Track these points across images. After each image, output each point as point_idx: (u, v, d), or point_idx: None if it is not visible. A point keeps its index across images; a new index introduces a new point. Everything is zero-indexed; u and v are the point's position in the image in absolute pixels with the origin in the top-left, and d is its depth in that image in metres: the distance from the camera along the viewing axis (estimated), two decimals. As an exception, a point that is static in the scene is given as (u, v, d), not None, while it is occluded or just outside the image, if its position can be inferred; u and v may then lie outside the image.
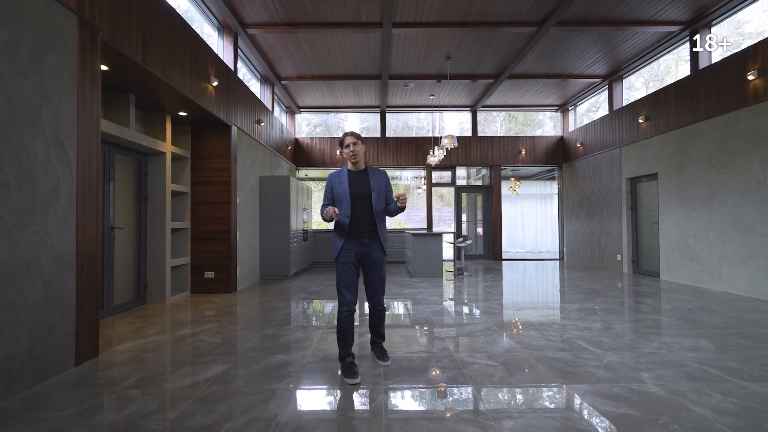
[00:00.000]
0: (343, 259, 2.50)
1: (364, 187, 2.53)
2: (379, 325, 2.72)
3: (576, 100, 9.67)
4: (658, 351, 2.86)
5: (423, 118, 11.45)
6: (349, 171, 2.60)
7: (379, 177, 2.60)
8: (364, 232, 2.52)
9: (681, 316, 3.97)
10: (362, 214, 2.51)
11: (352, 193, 2.51)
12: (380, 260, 2.55)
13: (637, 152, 7.28)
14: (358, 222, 2.51)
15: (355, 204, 2.51)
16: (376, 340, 2.76)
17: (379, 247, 2.54)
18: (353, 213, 2.51)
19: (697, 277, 5.89)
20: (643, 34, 6.30)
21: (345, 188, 2.52)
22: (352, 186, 2.53)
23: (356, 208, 2.51)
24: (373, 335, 2.76)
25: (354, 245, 2.51)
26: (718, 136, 5.52)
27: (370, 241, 2.53)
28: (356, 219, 2.51)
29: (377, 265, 2.55)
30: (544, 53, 6.96)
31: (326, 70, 7.56)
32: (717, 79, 5.51)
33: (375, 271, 2.55)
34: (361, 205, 2.51)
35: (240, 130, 5.87)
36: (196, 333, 3.41)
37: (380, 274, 2.56)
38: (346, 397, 2.15)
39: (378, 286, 2.57)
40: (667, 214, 6.52)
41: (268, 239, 6.74)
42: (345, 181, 2.54)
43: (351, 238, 2.52)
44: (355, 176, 2.58)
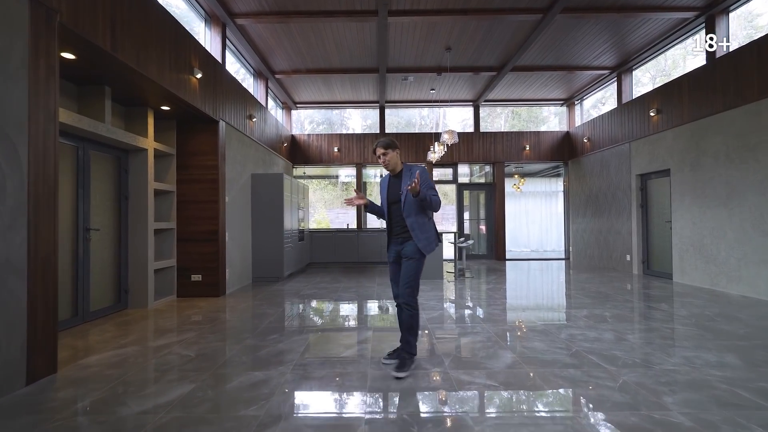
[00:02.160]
0: (388, 257, 2.77)
1: (395, 192, 2.64)
2: (405, 327, 2.59)
3: (582, 94, 9.30)
4: (679, 368, 2.55)
5: (426, 115, 11.12)
6: (390, 176, 2.73)
7: (412, 176, 2.53)
8: (400, 233, 2.64)
9: (700, 324, 3.65)
10: (396, 217, 2.65)
11: (388, 199, 2.68)
12: (409, 255, 2.57)
13: (647, 147, 6.92)
14: (394, 225, 2.68)
15: (390, 209, 2.68)
16: (401, 346, 2.63)
17: (412, 244, 2.57)
18: (389, 217, 2.69)
19: (714, 280, 5.55)
20: (656, 22, 5.94)
21: (384, 194, 2.71)
22: (389, 192, 2.68)
23: (391, 213, 2.68)
24: (401, 338, 2.66)
25: (394, 245, 2.71)
26: (737, 129, 5.16)
27: (404, 240, 2.62)
28: (392, 222, 2.69)
29: (405, 260, 2.59)
30: (549, 43, 6.61)
31: (321, 63, 7.26)
32: (736, 68, 5.15)
33: (403, 266, 2.61)
34: (395, 209, 2.65)
35: (229, 126, 5.59)
36: (171, 344, 3.15)
37: (406, 270, 2.57)
38: (317, 428, 1.86)
39: (403, 281, 2.59)
40: (681, 213, 6.16)
41: (261, 240, 6.47)
42: (385, 187, 2.72)
43: (391, 239, 2.72)
44: (393, 182, 2.69)
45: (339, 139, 9.58)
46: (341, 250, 8.95)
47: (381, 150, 2.62)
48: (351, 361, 2.73)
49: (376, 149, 2.64)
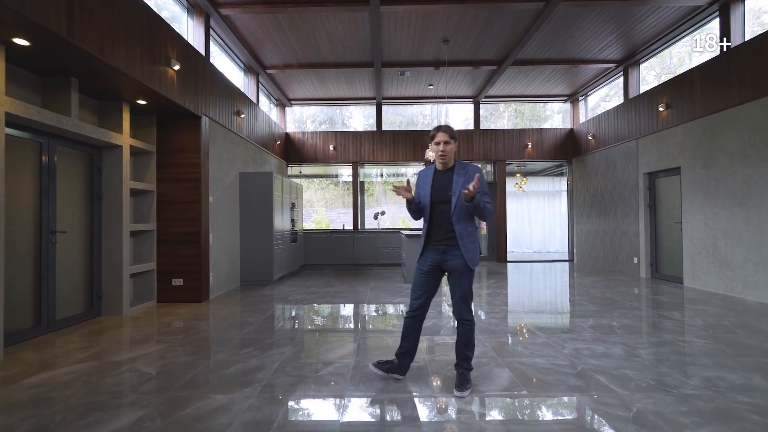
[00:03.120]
0: (418, 265, 2.38)
1: (445, 190, 2.26)
2: (463, 344, 2.30)
3: (587, 89, 8.96)
4: (700, 392, 2.23)
5: (428, 114, 10.79)
6: (435, 170, 2.35)
7: (467, 176, 2.23)
8: (443, 239, 2.28)
9: (717, 336, 3.32)
10: (441, 220, 2.27)
11: (432, 197, 2.29)
12: (459, 269, 2.25)
13: (656, 144, 6.57)
14: (437, 228, 2.29)
15: (434, 208, 2.29)
16: (459, 362, 2.33)
17: (459, 256, 2.24)
18: (432, 218, 2.30)
19: (728, 285, 5.20)
20: (666, 11, 5.59)
21: (427, 190, 2.31)
22: (434, 188, 2.29)
23: (435, 213, 2.29)
24: (456, 355, 2.35)
25: (433, 252, 2.32)
26: (755, 124, 4.82)
27: (447, 248, 2.27)
28: (435, 225, 2.30)
29: (456, 274, 2.27)
30: (551, 35, 6.28)
31: (314, 57, 6.96)
32: (754, 58, 4.80)
33: (453, 280, 2.29)
34: (441, 210, 2.27)
35: (213, 122, 5.30)
36: (135, 358, 2.86)
37: (459, 285, 2.26)
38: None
39: (457, 298, 2.27)
40: (692, 213, 5.82)
41: (250, 241, 6.18)
42: (429, 182, 2.32)
43: (430, 244, 2.33)
44: (440, 177, 2.30)
45: (335, 137, 9.28)
46: (336, 251, 8.66)
47: (444, 137, 2.24)
48: (328, 381, 2.43)
49: (436, 134, 2.26)
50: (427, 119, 10.88)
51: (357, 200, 9.32)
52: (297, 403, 2.18)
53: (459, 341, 2.32)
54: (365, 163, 9.48)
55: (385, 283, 6.38)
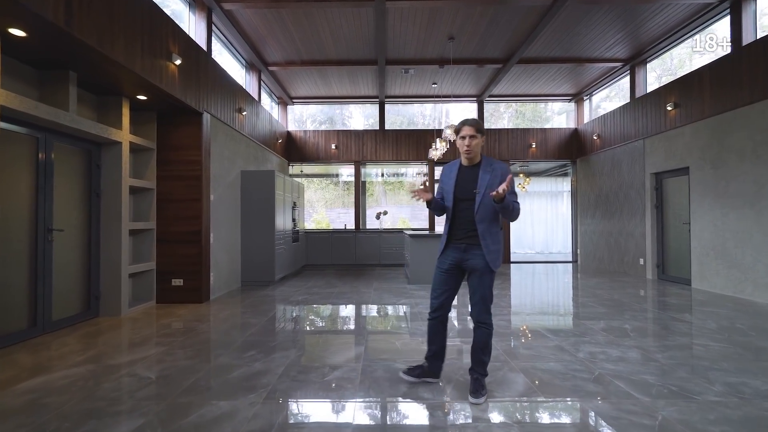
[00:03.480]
0: (438, 263, 2.31)
1: (470, 187, 2.18)
2: (479, 348, 2.20)
3: (591, 89, 8.86)
4: (725, 399, 2.14)
5: (428, 114, 10.68)
6: (460, 166, 2.28)
7: (494, 173, 2.15)
8: (464, 237, 2.21)
9: (733, 340, 3.23)
10: (464, 218, 2.21)
11: (456, 194, 2.22)
12: (480, 270, 2.16)
13: (663, 144, 6.48)
14: (459, 226, 2.23)
15: (457, 205, 2.23)
16: (473, 367, 2.24)
17: (480, 256, 2.16)
18: (454, 215, 2.24)
19: (738, 287, 5.11)
20: (675, 8, 5.50)
21: (451, 186, 2.24)
22: (458, 184, 2.22)
23: (458, 210, 2.23)
24: (471, 359, 2.26)
25: (453, 251, 2.25)
26: (767, 124, 4.73)
27: (468, 247, 2.20)
28: (457, 223, 2.23)
29: (476, 275, 2.19)
30: (558, 33, 6.19)
31: (317, 54, 6.86)
32: (766, 56, 4.72)
33: (473, 281, 2.21)
34: (464, 208, 2.21)
35: (215, 119, 5.20)
36: (134, 362, 2.75)
37: (479, 286, 2.17)
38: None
39: (477, 299, 2.19)
40: (701, 214, 5.73)
41: (251, 241, 6.08)
42: (453, 178, 2.25)
43: (451, 242, 2.26)
44: (465, 173, 2.23)
45: (337, 136, 9.18)
46: (338, 251, 8.56)
47: (470, 131, 2.17)
48: (337, 387, 2.33)
49: (462, 128, 2.18)
50: (427, 120, 10.78)
51: (359, 200, 9.22)
52: (304, 410, 2.08)
53: (475, 345, 2.23)
54: (367, 163, 9.37)
55: (388, 283, 6.28)
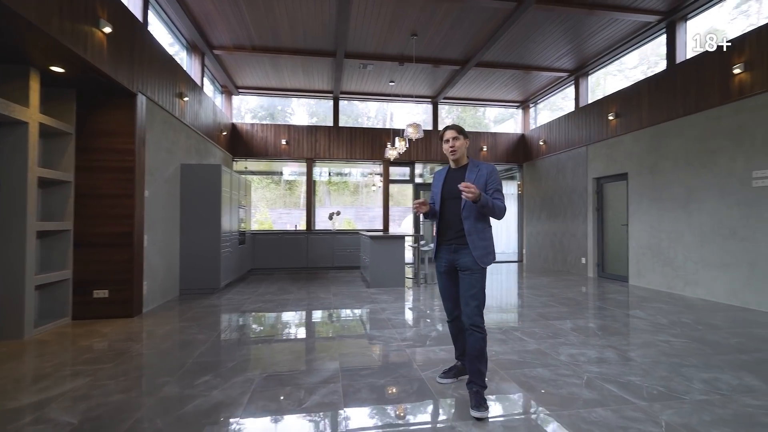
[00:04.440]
0: (437, 267, 2.37)
1: (456, 186, 2.13)
2: (474, 358, 2.09)
3: (537, 97, 9.33)
4: (709, 397, 2.17)
5: (376, 111, 10.44)
6: (449, 169, 2.35)
7: (479, 173, 2.21)
8: (453, 238, 2.23)
9: (687, 334, 3.43)
10: (451, 217, 2.24)
11: (443, 194, 2.28)
12: (469, 268, 2.15)
13: (605, 151, 6.95)
14: (448, 226, 2.26)
15: (444, 205, 2.28)
16: (472, 379, 2.10)
17: (469, 254, 2.16)
18: (442, 215, 2.29)
19: (670, 283, 5.59)
20: (620, 24, 5.89)
21: (439, 188, 2.32)
22: (446, 185, 2.29)
23: (445, 210, 2.27)
24: (468, 370, 2.15)
25: (445, 252, 2.28)
26: (698, 134, 5.22)
27: (458, 247, 2.21)
28: (445, 223, 2.27)
29: (466, 273, 2.17)
30: (515, 40, 6.34)
31: (270, 40, 6.33)
32: (698, 73, 5.20)
33: (463, 280, 2.18)
34: (451, 207, 2.24)
35: (151, 102, 4.50)
36: (47, 400, 2.15)
37: (469, 285, 2.14)
38: None
39: (466, 299, 2.14)
40: (638, 216, 6.20)
41: (193, 243, 5.39)
42: (442, 180, 2.32)
43: (442, 244, 2.30)
44: (453, 174, 2.30)
45: (288, 131, 8.62)
46: (288, 254, 8.02)
47: (452, 133, 2.27)
48: (317, 414, 1.99)
49: (445, 132, 2.29)
50: (371, 121, 10.54)
51: (311, 199, 8.75)
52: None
53: (470, 354, 2.12)
54: (319, 161, 8.93)
55: (347, 288, 5.96)
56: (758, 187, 4.49)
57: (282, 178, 9.86)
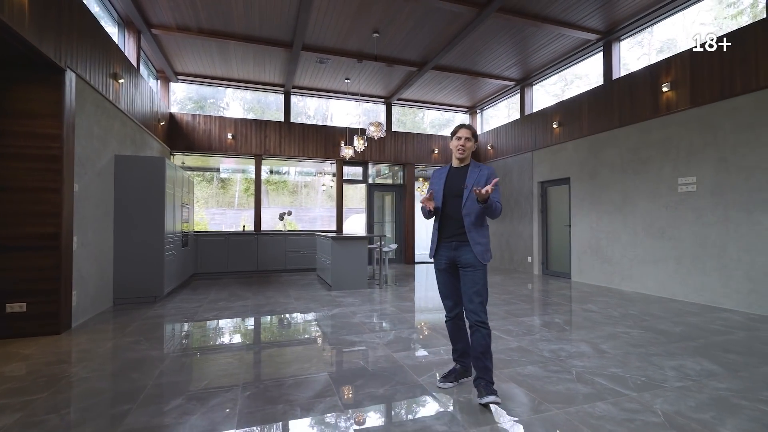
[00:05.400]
0: (436, 264, 2.35)
1: (458, 184, 2.27)
2: (480, 354, 2.11)
3: (484, 104, 9.78)
4: (685, 383, 2.37)
5: (312, 115, 9.97)
6: (450, 167, 2.38)
7: (480, 173, 2.25)
8: (454, 235, 2.25)
9: (639, 325, 3.76)
10: (452, 214, 2.26)
11: (445, 191, 2.30)
12: (472, 265, 2.18)
13: (549, 157, 7.48)
14: (448, 224, 2.28)
15: (446, 204, 2.29)
16: (480, 376, 2.12)
17: (470, 251, 2.19)
18: (443, 214, 2.30)
19: (609, 278, 6.16)
20: (564, 39, 6.37)
21: (441, 186, 2.33)
22: (448, 183, 2.31)
23: (447, 209, 2.29)
24: (475, 368, 2.16)
25: (445, 250, 2.29)
26: (631, 144, 5.82)
27: (459, 244, 2.23)
28: (446, 221, 2.29)
29: (468, 270, 2.19)
30: (472, 46, 6.56)
31: (221, 23, 5.79)
32: (631, 89, 5.80)
33: (466, 277, 2.20)
34: (452, 205, 2.27)
35: (82, 82, 3.84)
36: (-37, 449, 1.67)
37: (472, 281, 2.16)
38: None
39: (469, 296, 2.16)
40: (580, 218, 6.76)
41: (130, 246, 4.71)
42: (443, 178, 2.35)
43: (442, 241, 2.30)
44: (455, 173, 2.33)
45: (234, 125, 8.00)
46: (236, 257, 7.44)
47: (467, 133, 2.30)
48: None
49: (459, 130, 2.31)
50: (310, 120, 10.15)
51: (260, 198, 8.21)
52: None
53: (475, 351, 2.15)
54: (269, 157, 8.41)
55: (306, 291, 5.65)
56: (683, 192, 5.12)
57: (217, 176, 9.14)
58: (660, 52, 6.16)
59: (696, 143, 4.97)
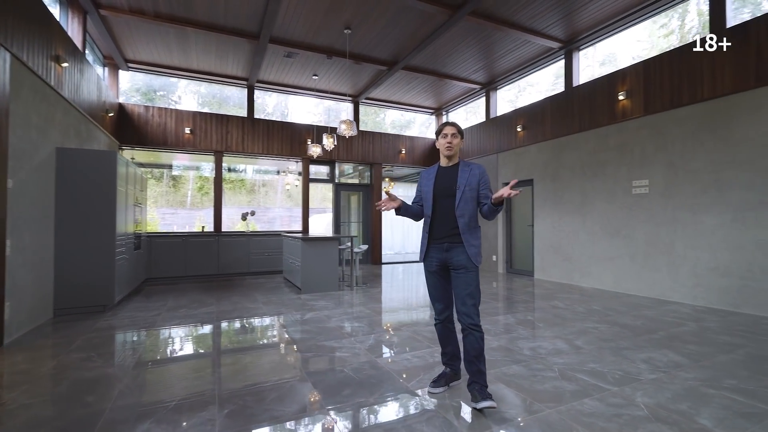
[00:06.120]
0: (426, 266, 2.30)
1: (450, 184, 2.22)
2: (474, 358, 2.08)
3: (449, 106, 9.93)
4: (656, 375, 2.49)
5: (270, 112, 9.62)
6: (439, 167, 2.32)
7: (471, 172, 2.21)
8: (446, 236, 2.20)
9: (604, 320, 3.96)
10: (444, 215, 2.21)
11: (435, 191, 2.25)
12: (465, 266, 2.14)
13: (513, 159, 7.73)
14: (440, 225, 2.22)
15: (437, 204, 2.24)
16: (474, 379, 2.08)
17: (463, 252, 2.15)
18: (434, 214, 2.24)
19: (569, 275, 6.47)
20: (530, 46, 6.59)
21: (430, 186, 2.27)
22: (437, 183, 2.26)
23: (438, 209, 2.24)
24: (468, 371, 2.12)
25: (436, 251, 2.24)
26: (591, 148, 6.14)
27: (451, 246, 2.19)
28: (437, 221, 2.24)
29: (460, 272, 2.15)
30: (442, 48, 6.61)
31: (180, 8, 5.37)
32: (590, 96, 6.13)
33: (458, 279, 2.16)
34: (444, 205, 2.22)
35: (18, 62, 3.38)
36: None
37: (465, 283, 2.13)
38: None
39: (462, 298, 2.12)
40: (542, 218, 7.04)
41: (75, 250, 4.22)
42: (432, 179, 2.29)
43: (433, 242, 2.25)
44: (445, 172, 2.28)
45: (193, 119, 7.50)
46: (195, 260, 6.98)
47: (452, 129, 2.25)
48: None
49: (444, 128, 2.26)
50: (270, 117, 9.80)
51: (220, 197, 7.76)
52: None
53: (468, 355, 2.12)
54: (230, 153, 7.98)
55: (275, 295, 5.40)
56: (636, 194, 5.48)
57: (167, 173, 8.57)
58: (602, 64, 6.64)
59: (648, 149, 5.34)
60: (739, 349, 3.01)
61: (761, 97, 4.24)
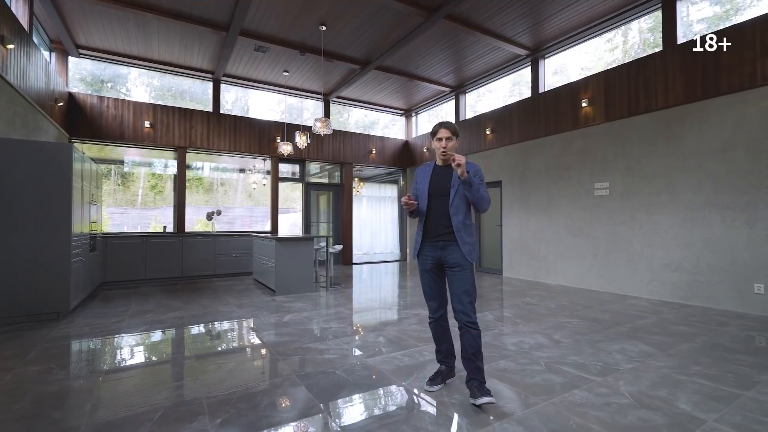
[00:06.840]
0: (421, 265, 2.32)
1: (444, 183, 2.24)
2: (472, 356, 2.10)
3: (419, 108, 10.07)
4: (632, 365, 2.66)
5: (230, 108, 9.16)
6: (435, 166, 2.34)
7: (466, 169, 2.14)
8: (440, 234, 2.21)
9: (575, 314, 4.17)
10: (439, 213, 2.23)
11: (430, 190, 2.27)
12: (459, 264, 2.15)
13: (482, 161, 7.96)
14: (434, 223, 2.24)
15: (431, 202, 2.26)
16: (472, 377, 2.11)
17: (458, 250, 2.16)
18: (429, 212, 2.26)
19: (536, 273, 6.77)
20: (499, 52, 6.84)
21: (425, 185, 2.30)
22: (432, 182, 2.28)
23: (432, 207, 2.26)
24: (467, 368, 2.14)
25: (431, 249, 2.25)
26: (556, 152, 6.47)
27: (446, 243, 2.20)
28: (432, 219, 2.25)
29: (456, 270, 2.16)
30: (415, 50, 6.70)
31: (143, -6, 5.03)
32: (555, 103, 6.45)
33: (454, 277, 2.17)
34: (438, 204, 2.24)
35: (-42, 42, 3.00)
36: None
37: (461, 281, 2.14)
38: None
39: (459, 296, 2.14)
40: (510, 218, 7.32)
41: (22, 251, 3.81)
42: (428, 177, 2.32)
43: (427, 241, 2.27)
44: (440, 171, 2.30)
45: (153, 112, 7.04)
46: (156, 261, 6.55)
47: (447, 132, 2.23)
48: None
49: (439, 130, 2.25)
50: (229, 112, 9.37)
51: (184, 195, 7.34)
52: None
53: (466, 352, 2.14)
54: (193, 149, 7.58)
55: (247, 297, 5.19)
56: (598, 196, 5.84)
57: (115, 169, 8.03)
58: (555, 74, 7.04)
59: (609, 153, 5.71)
60: (696, 338, 3.29)
61: (708, 108, 4.67)
